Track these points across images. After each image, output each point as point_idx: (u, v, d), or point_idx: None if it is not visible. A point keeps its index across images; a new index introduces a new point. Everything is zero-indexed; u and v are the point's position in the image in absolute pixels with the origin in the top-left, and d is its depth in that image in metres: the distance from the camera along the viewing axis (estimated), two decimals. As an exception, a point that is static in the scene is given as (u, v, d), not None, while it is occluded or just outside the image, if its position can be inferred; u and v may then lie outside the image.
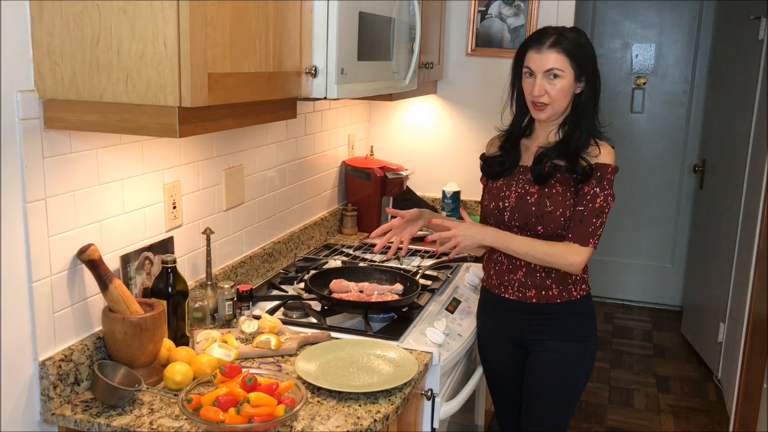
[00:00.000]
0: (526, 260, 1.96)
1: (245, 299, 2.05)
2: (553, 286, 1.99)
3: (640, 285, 5.21)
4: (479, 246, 2.00)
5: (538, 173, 1.96)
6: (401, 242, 2.12)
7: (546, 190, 1.95)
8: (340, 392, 1.63)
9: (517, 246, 1.94)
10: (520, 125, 2.07)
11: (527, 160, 2.03)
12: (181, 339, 1.81)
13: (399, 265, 2.56)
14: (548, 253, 1.92)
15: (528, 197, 1.97)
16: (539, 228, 1.94)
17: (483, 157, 2.14)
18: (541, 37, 1.93)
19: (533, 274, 1.99)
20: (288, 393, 1.54)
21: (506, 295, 2.04)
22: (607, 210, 1.93)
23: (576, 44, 1.92)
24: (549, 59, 1.90)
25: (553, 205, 1.93)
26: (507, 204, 2.00)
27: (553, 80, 1.91)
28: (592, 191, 1.91)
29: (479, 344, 2.20)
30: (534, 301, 2.00)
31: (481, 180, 2.15)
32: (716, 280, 4.00)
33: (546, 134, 2.02)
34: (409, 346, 1.90)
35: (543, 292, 1.99)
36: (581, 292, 2.02)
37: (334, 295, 2.17)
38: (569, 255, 1.90)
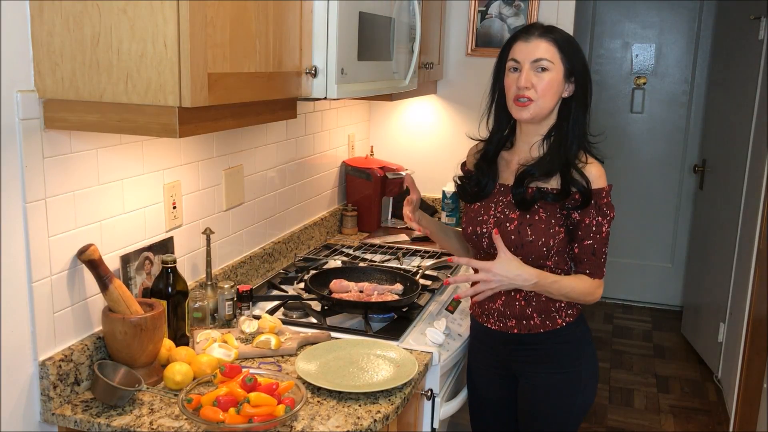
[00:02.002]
0: (570, 300, 1.81)
1: (245, 299, 2.05)
2: (534, 315, 1.83)
3: (640, 285, 5.21)
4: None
5: (520, 198, 1.78)
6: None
7: (528, 216, 1.77)
8: (340, 392, 1.63)
9: (557, 289, 1.76)
10: (499, 138, 1.89)
11: (507, 177, 1.85)
12: (181, 339, 1.81)
13: (399, 265, 2.56)
14: (583, 293, 1.79)
15: (507, 224, 1.79)
16: (519, 258, 1.76)
17: (459, 178, 1.98)
18: (529, 29, 1.77)
19: (512, 302, 1.84)
20: (288, 393, 1.54)
21: (488, 325, 1.91)
22: (609, 232, 1.81)
23: (567, 39, 1.77)
24: (538, 48, 1.72)
25: (534, 234, 1.75)
26: (485, 230, 1.83)
27: (540, 73, 1.72)
28: (595, 221, 1.75)
29: (468, 369, 2.08)
30: (516, 331, 1.85)
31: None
32: (716, 280, 4.00)
33: (528, 147, 1.82)
34: (409, 346, 1.90)
35: (524, 322, 1.84)
36: (567, 319, 1.85)
37: (334, 295, 2.17)
38: (596, 290, 1.80)
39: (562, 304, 1.84)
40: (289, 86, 1.69)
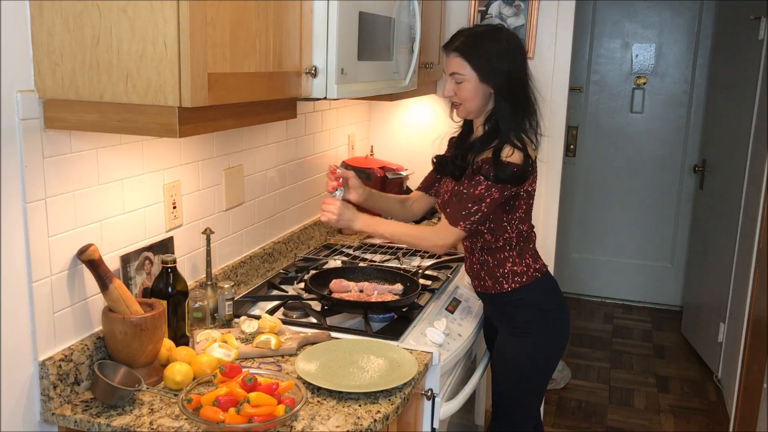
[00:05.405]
0: (404, 244, 2.13)
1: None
2: (486, 277, 2.08)
3: (640, 285, 5.21)
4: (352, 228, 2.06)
5: (461, 170, 2.03)
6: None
7: (455, 187, 2.02)
8: (340, 392, 1.63)
9: (384, 230, 2.04)
10: (468, 122, 2.14)
11: None
12: (181, 339, 1.81)
13: (399, 265, 2.56)
14: (412, 235, 2.04)
15: (445, 195, 2.09)
16: None
17: (438, 157, 2.22)
18: (450, 41, 2.00)
19: (472, 265, 2.12)
20: (288, 393, 1.54)
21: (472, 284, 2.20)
22: (488, 200, 1.90)
23: (478, 48, 1.93)
24: (451, 64, 1.97)
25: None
26: (440, 201, 2.14)
27: (459, 84, 1.97)
28: (477, 178, 1.92)
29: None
30: (479, 290, 2.14)
31: None
32: (716, 280, 4.00)
33: (476, 131, 2.08)
34: (409, 346, 1.90)
35: (482, 283, 2.10)
36: (513, 285, 2.04)
37: (334, 295, 2.17)
38: (433, 236, 1.99)
39: (506, 271, 2.04)
40: (289, 86, 1.69)
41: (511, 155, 1.91)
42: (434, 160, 2.23)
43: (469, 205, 1.92)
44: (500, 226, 2.01)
